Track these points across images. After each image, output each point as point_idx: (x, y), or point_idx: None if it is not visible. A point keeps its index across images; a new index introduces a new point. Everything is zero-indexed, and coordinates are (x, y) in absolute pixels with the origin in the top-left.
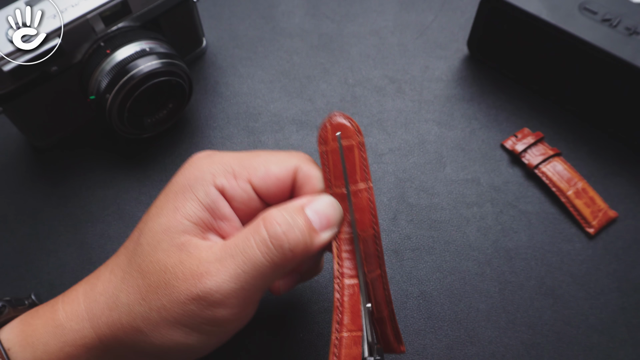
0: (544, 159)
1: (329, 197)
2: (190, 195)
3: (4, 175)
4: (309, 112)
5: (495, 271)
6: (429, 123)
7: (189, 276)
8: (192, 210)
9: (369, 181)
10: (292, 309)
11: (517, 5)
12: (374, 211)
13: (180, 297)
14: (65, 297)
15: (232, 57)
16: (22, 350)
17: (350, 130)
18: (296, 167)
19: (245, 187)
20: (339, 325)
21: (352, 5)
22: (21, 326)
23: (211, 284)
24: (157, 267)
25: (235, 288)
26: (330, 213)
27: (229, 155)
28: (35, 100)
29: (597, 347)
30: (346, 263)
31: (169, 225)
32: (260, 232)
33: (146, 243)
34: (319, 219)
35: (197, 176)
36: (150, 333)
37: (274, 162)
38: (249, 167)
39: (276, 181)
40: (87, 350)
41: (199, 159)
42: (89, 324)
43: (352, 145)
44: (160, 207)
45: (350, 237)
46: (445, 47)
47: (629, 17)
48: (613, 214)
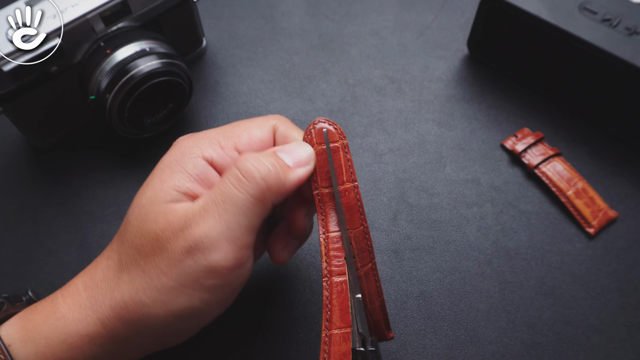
0: (544, 159)
1: (298, 141)
2: (178, 168)
3: (4, 175)
4: (309, 112)
5: (495, 271)
6: (429, 123)
7: (179, 232)
8: (180, 181)
9: (355, 181)
10: (293, 309)
11: (517, 5)
12: (361, 208)
13: (175, 256)
14: (65, 290)
15: (232, 57)
16: (23, 346)
17: (334, 134)
18: (275, 126)
19: (232, 154)
20: (329, 323)
21: (352, 5)
22: (21, 322)
23: (199, 232)
24: (148, 237)
25: (222, 229)
26: (301, 152)
27: (211, 131)
28: (35, 100)
29: (597, 347)
30: (334, 261)
31: (155, 196)
32: (233, 171)
33: (134, 218)
34: (290, 157)
35: (184, 152)
36: (153, 304)
37: (254, 126)
38: (232, 136)
39: (260, 143)
40: (90, 339)
41: (183, 139)
42: (92, 311)
43: (337, 147)
44: (147, 184)
45: (338, 235)
46: (445, 47)
47: (629, 17)
48: (613, 214)
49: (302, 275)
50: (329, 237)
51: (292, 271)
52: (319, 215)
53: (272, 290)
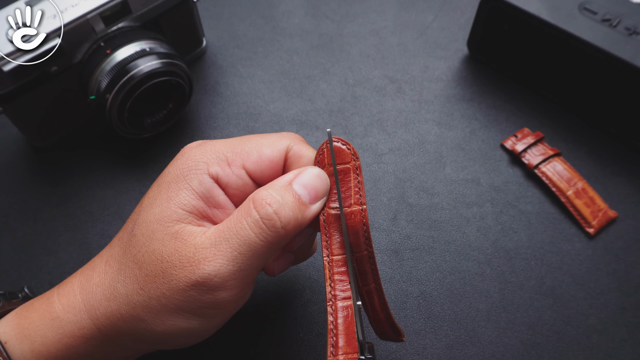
0: (544, 159)
1: (314, 169)
2: (184, 184)
3: (4, 175)
4: (309, 112)
5: (495, 271)
6: (429, 123)
7: (186, 263)
8: (186, 199)
9: (364, 204)
10: (292, 309)
11: (517, 5)
12: (367, 233)
13: (179, 285)
14: (61, 289)
15: (232, 57)
16: (19, 343)
17: (347, 154)
18: (288, 147)
19: (239, 173)
20: (334, 349)
21: (352, 5)
22: (17, 319)
23: (210, 269)
24: (153, 257)
25: (234, 270)
26: (318, 184)
27: (220, 143)
28: (35, 100)
29: (597, 347)
30: (338, 285)
31: (162, 215)
32: (252, 214)
33: (140, 234)
34: (308, 192)
35: (190, 166)
36: (151, 321)
37: (265, 144)
38: (241, 152)
39: (269, 164)
40: (85, 340)
41: (190, 148)
42: (87, 315)
43: (348, 168)
44: (154, 198)
45: (343, 259)
46: (445, 47)
47: (629, 17)
48: (613, 214)
49: (302, 275)
50: (332, 259)
51: (292, 271)
52: (323, 236)
53: (272, 290)
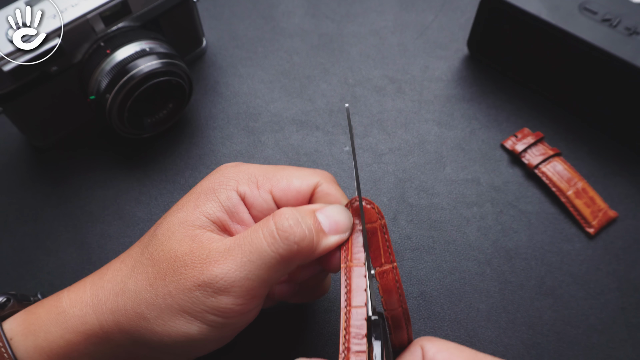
0: (544, 159)
1: (340, 205)
2: (212, 196)
3: (4, 175)
4: (309, 112)
5: (495, 271)
6: (429, 123)
7: (197, 264)
8: (212, 209)
9: (394, 262)
10: (293, 309)
11: (517, 5)
12: (400, 289)
13: (186, 284)
14: (73, 286)
15: (232, 57)
16: (24, 339)
17: (372, 213)
18: (317, 183)
19: (266, 197)
20: None
21: (352, 5)
22: (25, 315)
23: (217, 271)
24: (168, 255)
25: (240, 276)
26: (340, 219)
27: (254, 167)
28: (35, 100)
29: (597, 347)
30: (355, 339)
31: (186, 218)
32: (269, 224)
33: (161, 234)
34: (328, 222)
35: (222, 181)
36: (153, 320)
37: (296, 176)
38: (272, 178)
39: (296, 194)
40: (87, 337)
41: (226, 167)
42: (92, 310)
43: (375, 228)
44: (182, 205)
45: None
46: (445, 47)
47: (629, 17)
48: (613, 214)
49: None
50: (350, 311)
51: None
52: (343, 287)
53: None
